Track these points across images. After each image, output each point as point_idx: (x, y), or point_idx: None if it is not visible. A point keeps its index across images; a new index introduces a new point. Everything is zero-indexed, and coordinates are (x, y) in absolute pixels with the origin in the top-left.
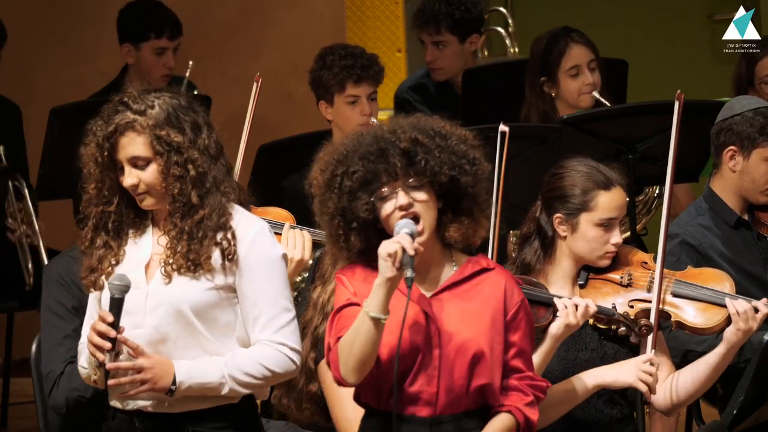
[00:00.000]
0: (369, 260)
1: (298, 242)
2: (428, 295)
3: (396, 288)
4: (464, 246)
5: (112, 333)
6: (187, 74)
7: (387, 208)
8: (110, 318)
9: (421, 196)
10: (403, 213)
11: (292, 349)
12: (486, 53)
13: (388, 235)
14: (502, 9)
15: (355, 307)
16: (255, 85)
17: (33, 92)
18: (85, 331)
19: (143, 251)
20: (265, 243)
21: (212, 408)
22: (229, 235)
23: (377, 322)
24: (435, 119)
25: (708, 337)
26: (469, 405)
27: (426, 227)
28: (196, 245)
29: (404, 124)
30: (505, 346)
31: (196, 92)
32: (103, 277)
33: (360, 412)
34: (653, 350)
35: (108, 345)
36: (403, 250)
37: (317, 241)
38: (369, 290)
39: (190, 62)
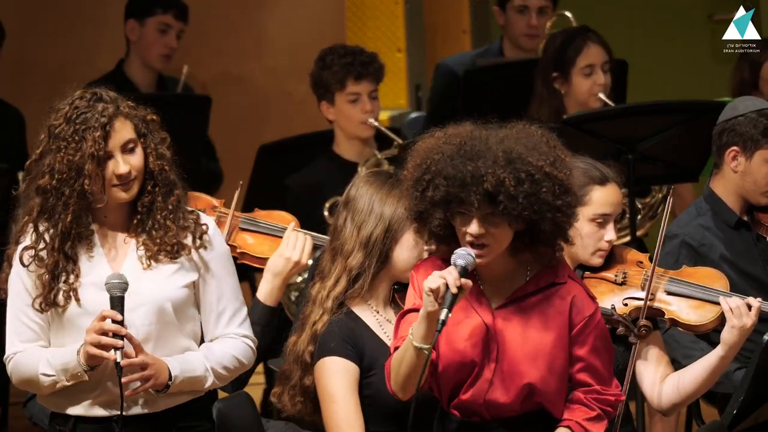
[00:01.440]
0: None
1: (299, 244)
2: (494, 306)
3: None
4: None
5: (123, 330)
6: (182, 78)
7: (459, 226)
8: (119, 316)
9: (494, 229)
10: (472, 239)
11: (252, 341)
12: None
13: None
14: (567, 13)
15: (416, 313)
16: (238, 189)
17: (33, 92)
18: (19, 337)
19: (98, 257)
20: (221, 239)
21: (188, 402)
22: (194, 216)
23: (419, 351)
24: (546, 148)
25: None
26: (524, 410)
27: (493, 254)
28: (176, 228)
29: (501, 155)
30: (571, 359)
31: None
32: (61, 294)
33: (349, 419)
34: None
35: (120, 343)
36: (447, 287)
37: (318, 244)
38: None
39: (185, 67)
